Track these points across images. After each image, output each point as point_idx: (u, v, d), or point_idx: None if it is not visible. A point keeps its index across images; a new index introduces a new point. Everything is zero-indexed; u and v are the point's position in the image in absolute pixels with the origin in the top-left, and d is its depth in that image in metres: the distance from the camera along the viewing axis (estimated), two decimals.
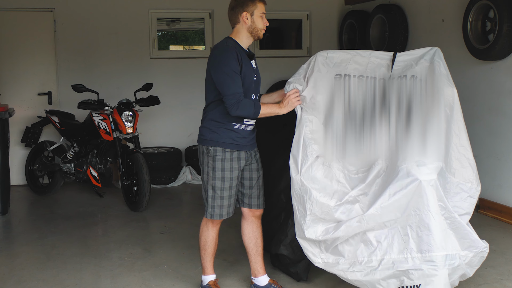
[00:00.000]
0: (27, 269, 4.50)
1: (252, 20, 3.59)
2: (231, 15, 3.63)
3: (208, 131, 3.66)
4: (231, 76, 3.48)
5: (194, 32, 8.46)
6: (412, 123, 3.55)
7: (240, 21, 3.60)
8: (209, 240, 3.87)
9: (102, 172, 6.41)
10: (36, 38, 7.39)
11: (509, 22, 5.35)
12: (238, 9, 3.57)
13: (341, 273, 3.58)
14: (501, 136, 5.73)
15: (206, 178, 3.72)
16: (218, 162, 3.65)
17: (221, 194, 3.69)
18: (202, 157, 3.72)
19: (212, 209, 3.73)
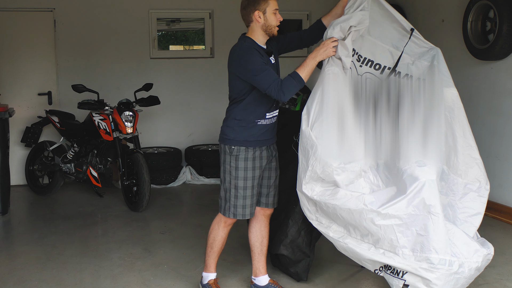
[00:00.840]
0: (27, 269, 4.49)
1: (265, 18, 3.59)
2: (244, 14, 3.61)
3: (230, 130, 3.64)
4: (260, 69, 3.44)
5: (194, 32, 8.46)
6: (412, 123, 3.53)
7: (253, 20, 3.58)
8: (218, 239, 3.89)
9: (102, 172, 6.41)
10: (36, 38, 7.40)
11: (509, 22, 5.35)
12: (250, 8, 3.56)
13: (331, 240, 3.62)
14: (501, 136, 5.73)
15: (228, 177, 3.69)
16: (241, 161, 3.63)
17: (244, 193, 3.68)
18: (223, 156, 3.68)
19: (235, 209, 3.71)
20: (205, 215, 6.00)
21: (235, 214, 3.75)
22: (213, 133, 8.02)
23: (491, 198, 5.81)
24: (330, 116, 3.47)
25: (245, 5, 3.58)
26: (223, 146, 3.68)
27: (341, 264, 4.50)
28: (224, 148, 3.67)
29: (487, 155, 5.92)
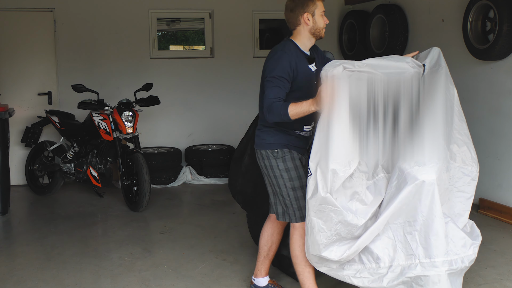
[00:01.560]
0: (27, 269, 4.49)
1: (313, 21, 3.46)
2: (291, 17, 3.48)
3: (269, 134, 3.51)
4: (272, 81, 3.31)
5: (194, 32, 8.46)
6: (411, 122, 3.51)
7: (301, 23, 3.46)
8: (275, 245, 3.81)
9: (102, 172, 6.41)
10: (36, 38, 7.39)
11: (509, 22, 5.35)
12: (298, 10, 3.44)
13: (347, 278, 3.47)
14: (501, 136, 5.73)
15: (280, 181, 3.51)
16: (289, 161, 3.50)
17: (301, 193, 3.50)
18: (267, 162, 3.51)
19: (301, 211, 3.51)
20: (205, 215, 6.01)
21: (302, 217, 3.50)
22: (213, 133, 8.03)
23: (491, 198, 5.82)
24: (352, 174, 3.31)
25: (292, 7, 3.47)
26: (264, 152, 3.52)
27: None
28: (266, 154, 3.52)
29: (487, 155, 5.92)
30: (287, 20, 3.52)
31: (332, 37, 8.36)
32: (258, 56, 8.11)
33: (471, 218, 5.53)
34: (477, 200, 6.03)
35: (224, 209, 6.19)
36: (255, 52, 8.12)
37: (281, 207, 3.60)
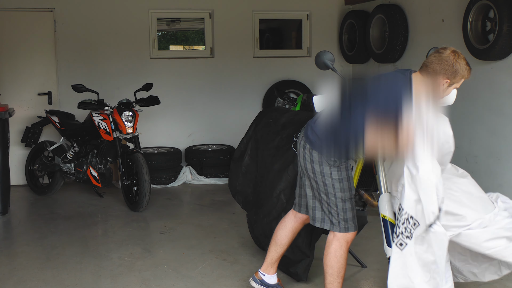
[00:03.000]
0: (27, 269, 4.49)
1: (444, 90, 3.27)
2: (436, 65, 3.20)
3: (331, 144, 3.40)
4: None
5: (194, 32, 8.46)
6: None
7: (434, 80, 3.22)
8: (345, 264, 3.51)
9: (102, 172, 6.41)
10: (36, 38, 7.39)
11: (509, 22, 5.35)
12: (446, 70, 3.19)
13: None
14: (501, 136, 5.73)
15: (331, 191, 3.42)
16: (343, 171, 3.43)
17: (351, 204, 3.48)
18: (320, 167, 3.42)
19: (346, 222, 3.45)
20: (205, 215, 6.01)
21: (346, 228, 3.47)
22: (213, 133, 8.03)
23: None
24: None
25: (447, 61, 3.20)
26: (318, 156, 3.43)
27: None
28: (320, 158, 3.43)
29: (487, 155, 5.92)
30: (430, 61, 3.24)
31: (332, 37, 8.36)
32: (258, 56, 8.11)
33: None
34: None
35: (224, 209, 6.19)
36: (255, 52, 8.12)
37: (322, 213, 3.50)
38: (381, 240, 3.51)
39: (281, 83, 8.09)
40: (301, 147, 3.52)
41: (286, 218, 3.83)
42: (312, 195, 3.55)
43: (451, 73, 3.20)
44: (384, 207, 3.49)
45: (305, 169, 3.50)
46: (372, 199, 3.83)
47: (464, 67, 3.20)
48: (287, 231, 3.79)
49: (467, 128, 6.20)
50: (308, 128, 3.52)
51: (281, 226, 3.82)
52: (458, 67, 3.18)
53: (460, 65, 3.18)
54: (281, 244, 3.81)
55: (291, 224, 3.79)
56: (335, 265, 3.48)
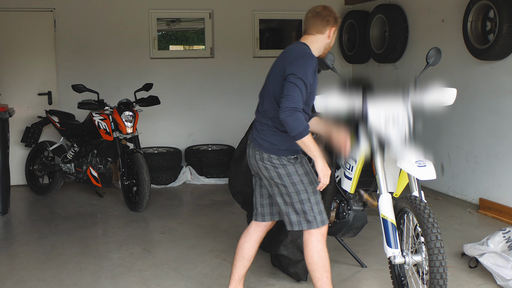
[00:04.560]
0: (27, 269, 4.49)
1: (333, 38, 3.50)
2: (317, 22, 3.46)
3: (284, 138, 3.36)
4: (302, 85, 3.21)
5: (194, 32, 8.46)
6: None
7: (324, 33, 3.46)
8: (327, 257, 3.49)
9: (102, 172, 6.41)
10: (36, 38, 7.39)
11: (509, 22, 5.35)
12: (330, 20, 3.44)
13: None
14: (501, 136, 5.73)
15: (301, 187, 3.38)
16: (307, 165, 3.43)
17: (320, 196, 3.47)
18: (283, 169, 3.36)
19: (321, 215, 3.42)
20: (205, 215, 6.00)
21: (322, 221, 3.44)
22: (213, 133, 8.03)
23: (491, 198, 5.82)
24: None
25: (325, 15, 3.45)
26: (278, 159, 3.37)
27: (341, 264, 4.50)
28: (281, 161, 3.37)
29: (487, 155, 5.92)
30: (309, 23, 3.49)
31: None
32: (258, 56, 8.11)
33: (471, 217, 5.56)
34: (477, 200, 6.03)
35: (224, 209, 6.19)
36: (255, 52, 8.12)
37: (297, 216, 3.43)
38: (381, 240, 3.52)
39: None
40: (258, 161, 3.43)
41: (250, 230, 3.69)
42: (283, 201, 3.45)
43: (334, 20, 3.47)
44: (384, 207, 3.49)
45: (271, 179, 3.42)
46: (372, 199, 3.83)
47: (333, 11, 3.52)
48: (253, 243, 3.67)
49: (467, 128, 6.21)
50: (256, 139, 3.45)
51: (246, 239, 3.68)
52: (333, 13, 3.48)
53: (332, 10, 3.50)
54: (248, 257, 3.68)
55: (256, 235, 3.68)
56: (318, 261, 3.46)
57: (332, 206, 4.04)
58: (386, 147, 3.56)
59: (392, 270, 3.69)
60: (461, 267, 4.37)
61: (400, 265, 3.64)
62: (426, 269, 3.37)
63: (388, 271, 3.84)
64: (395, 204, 3.56)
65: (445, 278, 3.24)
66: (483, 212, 5.83)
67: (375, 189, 3.90)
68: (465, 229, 5.34)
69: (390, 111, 3.57)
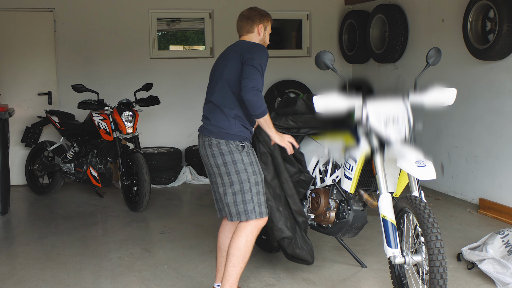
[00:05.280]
0: (27, 269, 4.49)
1: (264, 34, 3.76)
2: (243, 23, 3.74)
3: (235, 125, 3.52)
4: (261, 70, 3.47)
5: (194, 32, 8.46)
6: None
7: (253, 32, 3.73)
8: (251, 251, 3.56)
9: (102, 172, 6.41)
10: (36, 38, 7.39)
11: (509, 22, 5.35)
12: (255, 20, 3.72)
13: None
14: (501, 136, 5.73)
15: (244, 177, 3.48)
16: (252, 155, 3.56)
17: (262, 188, 3.57)
18: (230, 156, 3.48)
19: (260, 207, 3.52)
20: (205, 215, 6.00)
21: (260, 213, 3.54)
22: None
23: (491, 198, 5.82)
24: None
25: (250, 16, 3.73)
26: (226, 144, 3.50)
27: (341, 264, 4.50)
28: (229, 147, 3.49)
29: (487, 155, 5.92)
30: (239, 26, 3.79)
31: (332, 37, 8.36)
32: None
33: (471, 217, 5.56)
34: (477, 200, 6.03)
35: None
36: None
37: (236, 207, 3.51)
38: (381, 240, 3.52)
39: (281, 83, 8.09)
40: (206, 148, 3.56)
41: (225, 226, 3.79)
42: (224, 192, 3.54)
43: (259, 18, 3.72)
44: (384, 207, 3.49)
45: (216, 166, 3.52)
46: (372, 199, 3.83)
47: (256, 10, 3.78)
48: (230, 237, 3.74)
49: (467, 128, 6.21)
50: (205, 127, 3.60)
51: (225, 234, 3.78)
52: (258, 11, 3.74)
53: (257, 10, 3.76)
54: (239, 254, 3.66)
55: (231, 229, 3.76)
56: (243, 249, 3.50)
57: (332, 206, 4.04)
58: (386, 147, 3.56)
59: (392, 270, 3.69)
60: (461, 267, 4.37)
61: (400, 265, 3.64)
62: (426, 269, 3.37)
63: (388, 271, 3.84)
64: (395, 204, 3.56)
65: (445, 278, 3.24)
66: (483, 212, 5.83)
67: (375, 189, 3.90)
68: (465, 229, 5.34)
69: (390, 111, 3.58)
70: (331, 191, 4.03)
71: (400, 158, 3.44)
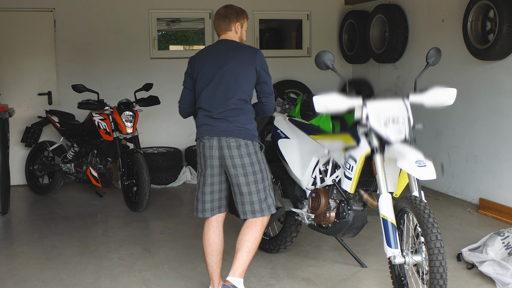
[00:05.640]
0: (27, 269, 4.50)
1: (241, 32, 3.87)
2: (220, 22, 3.83)
3: (254, 127, 3.72)
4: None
5: (194, 32, 8.46)
6: None
7: (231, 30, 3.83)
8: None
9: (102, 172, 6.41)
10: (36, 38, 7.40)
11: (509, 22, 5.35)
12: (232, 18, 3.81)
13: None
14: (501, 136, 5.73)
15: (265, 175, 3.71)
16: (263, 154, 3.79)
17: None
18: (257, 156, 3.68)
19: (273, 202, 3.77)
20: None
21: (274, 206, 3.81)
22: None
23: (491, 198, 5.82)
24: None
25: (226, 15, 3.81)
26: (255, 146, 3.70)
27: (341, 264, 4.50)
28: (255, 147, 3.70)
29: (487, 155, 5.92)
30: (216, 25, 3.88)
31: (332, 37, 8.36)
32: None
33: (471, 217, 5.57)
34: (477, 200, 6.03)
35: None
36: None
37: (260, 204, 3.68)
38: (381, 240, 3.51)
39: (281, 83, 8.08)
40: (232, 149, 3.62)
41: (214, 224, 3.84)
42: (248, 191, 3.66)
43: (236, 17, 3.82)
44: (384, 207, 3.49)
45: (241, 167, 3.63)
46: (372, 199, 3.83)
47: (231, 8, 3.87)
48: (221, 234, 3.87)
49: (467, 128, 6.21)
50: (230, 130, 3.64)
51: (216, 233, 3.84)
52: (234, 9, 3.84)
53: (233, 8, 3.85)
54: (222, 249, 3.89)
55: (219, 227, 3.87)
56: (255, 243, 3.72)
57: (332, 206, 4.04)
58: (386, 147, 3.56)
59: (392, 270, 3.69)
60: (461, 267, 4.37)
61: (400, 265, 3.63)
62: (426, 269, 3.37)
63: (388, 271, 3.84)
64: (395, 204, 3.56)
65: (445, 278, 3.24)
66: (483, 212, 5.83)
67: (375, 189, 3.90)
68: (465, 229, 5.34)
69: (390, 111, 3.58)
70: (331, 191, 4.03)
71: (400, 158, 3.44)
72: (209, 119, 3.67)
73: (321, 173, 4.21)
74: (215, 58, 3.72)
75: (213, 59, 3.73)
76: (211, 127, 3.66)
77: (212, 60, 3.72)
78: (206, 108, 3.69)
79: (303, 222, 4.34)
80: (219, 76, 3.68)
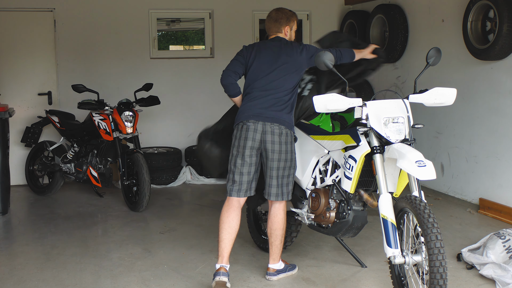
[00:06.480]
0: (27, 269, 4.50)
1: (290, 34, 4.27)
2: (271, 25, 4.23)
3: (293, 120, 4.10)
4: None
5: (194, 32, 8.46)
6: None
7: (282, 32, 4.22)
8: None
9: (102, 172, 6.41)
10: (36, 38, 7.39)
11: (509, 22, 5.35)
12: (282, 22, 4.21)
13: None
14: (501, 136, 5.73)
15: (294, 163, 4.11)
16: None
17: None
18: (290, 146, 4.04)
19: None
20: (205, 215, 6.00)
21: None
22: None
23: (491, 198, 5.82)
24: None
25: (277, 18, 4.21)
26: (292, 134, 4.06)
27: (341, 264, 4.50)
28: (292, 136, 4.07)
29: (487, 155, 5.92)
30: (268, 27, 4.27)
31: None
32: None
33: (471, 217, 5.58)
34: (477, 200, 6.03)
35: None
36: None
37: (287, 188, 4.09)
38: (381, 240, 3.52)
39: None
40: (275, 135, 3.97)
41: (236, 206, 4.07)
42: (280, 175, 4.04)
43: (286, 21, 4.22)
44: (384, 207, 3.50)
45: (278, 152, 3.99)
46: (372, 199, 3.83)
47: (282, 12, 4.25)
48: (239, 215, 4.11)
49: (467, 128, 6.21)
50: (277, 117, 3.98)
51: (236, 213, 4.06)
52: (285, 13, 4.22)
53: (284, 11, 4.24)
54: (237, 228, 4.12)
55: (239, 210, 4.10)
56: (283, 227, 4.15)
57: (332, 206, 4.04)
58: (386, 147, 3.56)
59: (392, 270, 3.69)
60: (461, 267, 4.37)
61: (400, 265, 3.63)
62: (426, 269, 3.37)
63: (388, 271, 3.84)
64: (395, 204, 3.56)
65: (445, 278, 3.24)
66: (483, 212, 5.83)
67: (375, 189, 3.90)
68: (465, 229, 5.34)
69: (390, 111, 3.58)
70: (331, 191, 4.03)
71: (400, 158, 3.44)
72: (258, 106, 4.00)
73: (321, 173, 4.21)
74: (271, 54, 4.09)
75: (269, 54, 4.09)
76: (258, 113, 3.99)
77: (268, 55, 4.09)
78: (256, 95, 4.02)
79: (303, 222, 4.34)
80: (272, 70, 4.04)
